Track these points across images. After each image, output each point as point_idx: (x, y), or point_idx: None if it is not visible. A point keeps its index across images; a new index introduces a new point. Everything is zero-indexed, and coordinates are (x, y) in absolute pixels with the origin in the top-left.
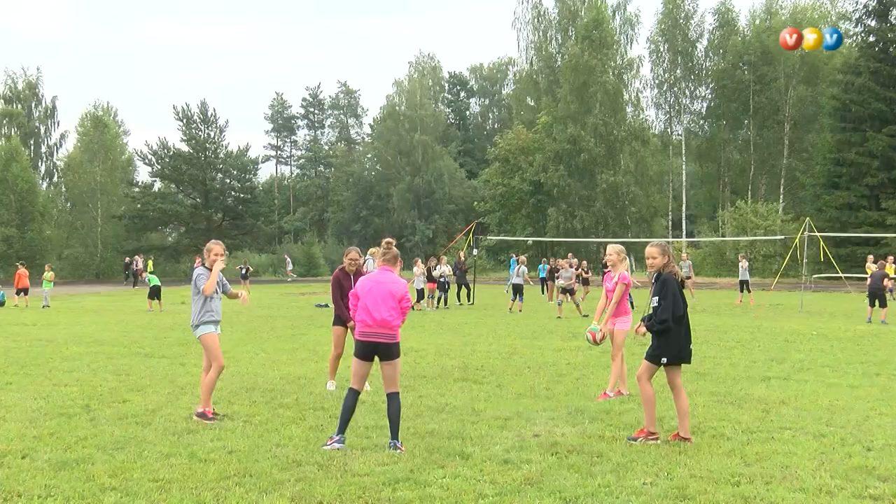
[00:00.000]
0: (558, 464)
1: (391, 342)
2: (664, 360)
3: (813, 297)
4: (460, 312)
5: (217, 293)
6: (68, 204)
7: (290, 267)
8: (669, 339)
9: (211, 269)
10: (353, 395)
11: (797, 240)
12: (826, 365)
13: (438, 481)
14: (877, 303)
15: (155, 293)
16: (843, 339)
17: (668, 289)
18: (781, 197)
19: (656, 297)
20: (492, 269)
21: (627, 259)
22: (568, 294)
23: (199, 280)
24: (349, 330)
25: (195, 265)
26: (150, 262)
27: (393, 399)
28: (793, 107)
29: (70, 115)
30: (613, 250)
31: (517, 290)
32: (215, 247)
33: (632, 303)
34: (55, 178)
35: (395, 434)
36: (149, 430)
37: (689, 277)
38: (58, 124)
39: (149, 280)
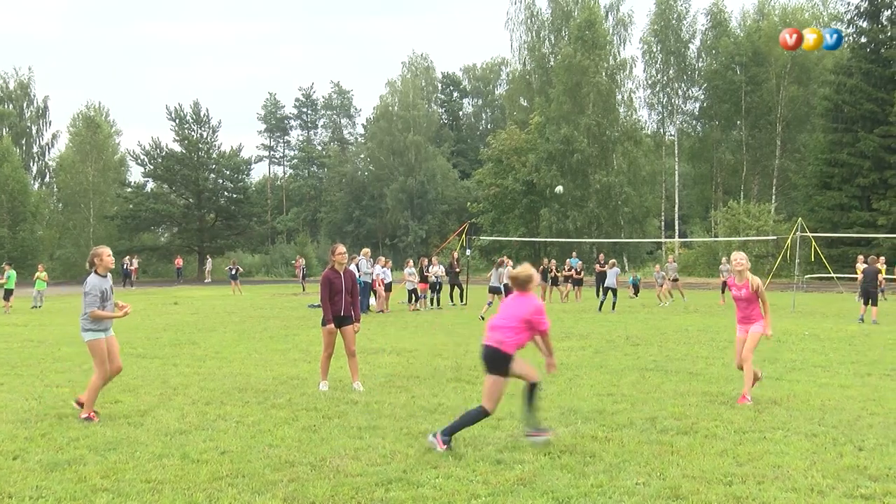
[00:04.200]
0: (551, 464)
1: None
2: None
3: (805, 298)
4: (453, 313)
5: (111, 301)
6: (60, 204)
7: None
8: None
9: (104, 276)
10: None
11: (789, 240)
12: (818, 365)
13: (431, 482)
14: (868, 301)
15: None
16: (834, 339)
17: None
18: (774, 197)
19: None
20: (485, 269)
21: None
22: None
23: (90, 298)
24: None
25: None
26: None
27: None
28: (785, 107)
29: (62, 115)
30: (742, 257)
31: (493, 291)
32: (103, 251)
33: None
34: (47, 179)
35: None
36: (141, 430)
37: (675, 279)
38: (49, 124)
39: (8, 277)
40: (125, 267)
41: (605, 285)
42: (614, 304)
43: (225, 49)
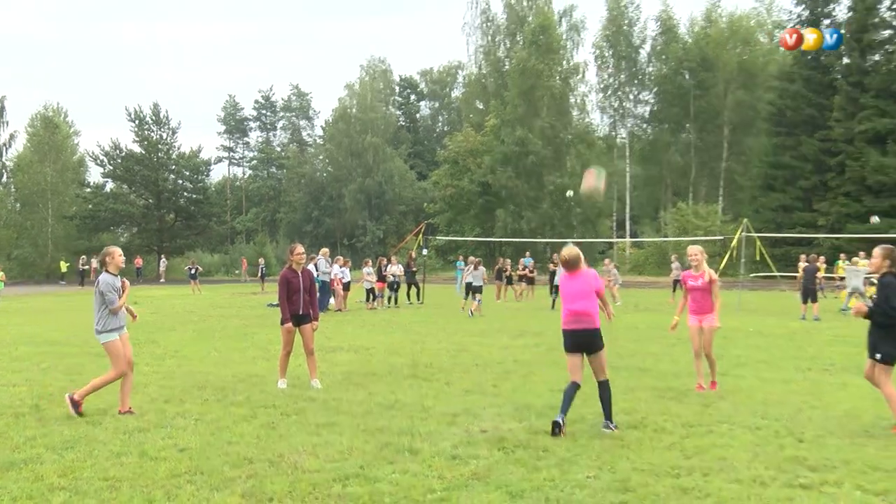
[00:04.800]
0: (505, 459)
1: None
2: None
3: (750, 296)
4: (410, 311)
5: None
6: (18, 204)
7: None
8: None
9: (115, 275)
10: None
11: (735, 240)
12: (761, 361)
13: (388, 477)
14: (809, 299)
15: None
16: (777, 335)
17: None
18: (721, 198)
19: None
20: (441, 268)
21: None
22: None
23: (109, 296)
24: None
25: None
26: None
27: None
28: (731, 111)
29: (19, 115)
30: (698, 250)
31: (476, 290)
32: (115, 251)
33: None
34: (4, 179)
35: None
36: (99, 429)
37: (618, 283)
38: (7, 124)
39: None
40: (80, 267)
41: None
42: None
43: (185, 51)
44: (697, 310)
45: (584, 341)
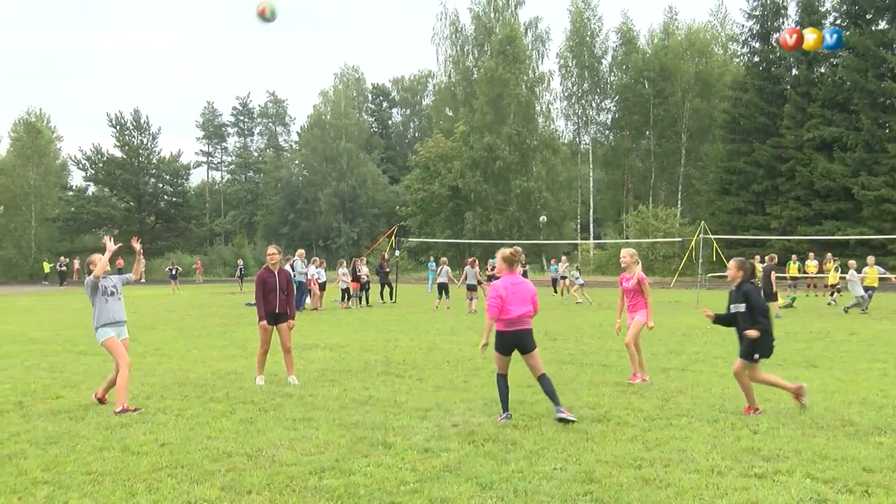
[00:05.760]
0: (475, 451)
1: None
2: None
3: (708, 295)
4: (383, 310)
5: (116, 295)
6: (1, 207)
7: (199, 271)
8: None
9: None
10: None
11: (693, 241)
12: (719, 356)
13: (362, 469)
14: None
15: None
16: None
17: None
18: (679, 202)
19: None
20: (413, 269)
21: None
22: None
23: (88, 287)
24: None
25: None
26: None
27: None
28: (689, 119)
29: (2, 120)
30: (627, 253)
31: (443, 288)
32: (96, 258)
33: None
34: None
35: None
36: (82, 424)
37: (564, 278)
38: None
39: None
40: (59, 268)
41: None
42: None
43: (164, 58)
44: (630, 307)
45: (526, 338)
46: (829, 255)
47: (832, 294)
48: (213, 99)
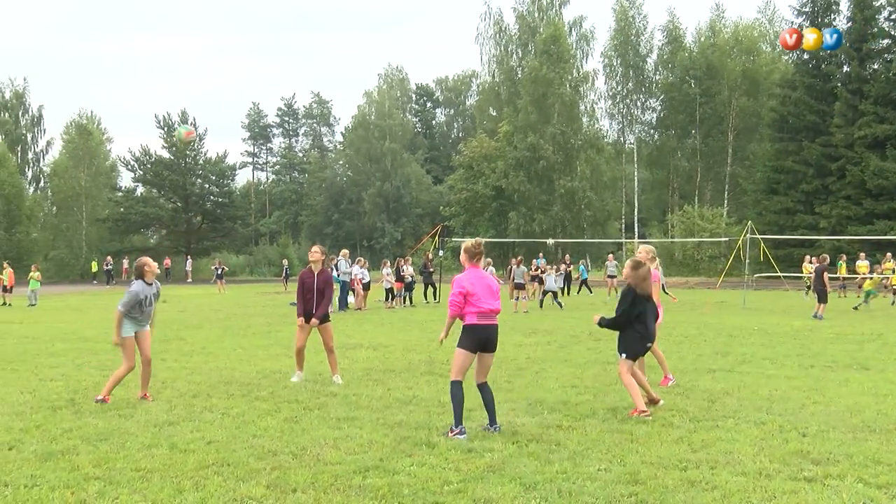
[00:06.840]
0: (519, 452)
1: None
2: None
3: (754, 295)
4: (426, 310)
5: (151, 306)
6: (54, 208)
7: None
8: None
9: (149, 283)
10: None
11: (740, 241)
12: (766, 358)
13: (406, 469)
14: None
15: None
16: (781, 333)
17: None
18: (725, 202)
19: None
20: (456, 269)
21: (657, 259)
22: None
23: (126, 297)
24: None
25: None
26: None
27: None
28: (735, 118)
29: (56, 123)
30: (643, 250)
31: (521, 287)
32: (147, 261)
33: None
34: (41, 183)
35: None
36: (131, 422)
37: (613, 276)
38: (44, 132)
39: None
40: (105, 268)
41: (545, 288)
42: (559, 302)
43: (211, 61)
44: None
45: (492, 339)
46: (889, 254)
47: (895, 293)
48: (258, 100)
